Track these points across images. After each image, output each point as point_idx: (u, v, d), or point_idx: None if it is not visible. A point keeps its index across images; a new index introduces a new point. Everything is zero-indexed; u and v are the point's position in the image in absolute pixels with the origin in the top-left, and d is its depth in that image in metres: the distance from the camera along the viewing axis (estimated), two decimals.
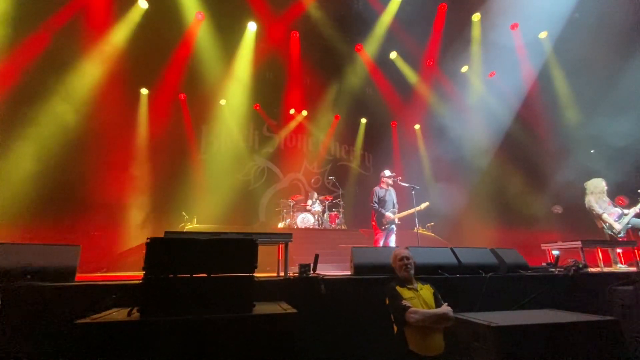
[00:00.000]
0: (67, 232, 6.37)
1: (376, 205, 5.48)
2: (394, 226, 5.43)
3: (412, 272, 2.61)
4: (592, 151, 5.54)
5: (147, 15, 7.73)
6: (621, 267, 4.73)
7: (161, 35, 8.20)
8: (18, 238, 5.71)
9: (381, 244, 5.36)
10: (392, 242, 5.38)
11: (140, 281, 1.96)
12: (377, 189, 5.61)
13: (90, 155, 7.49)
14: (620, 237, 5.03)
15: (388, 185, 5.60)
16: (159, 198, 8.47)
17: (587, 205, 5.34)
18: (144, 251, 1.99)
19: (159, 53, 8.42)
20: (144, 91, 8.86)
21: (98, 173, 7.44)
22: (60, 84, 6.89)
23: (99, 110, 7.52)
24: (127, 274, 4.24)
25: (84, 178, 7.30)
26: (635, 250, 4.47)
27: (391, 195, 5.55)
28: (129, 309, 1.96)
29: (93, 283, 2.58)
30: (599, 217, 5.19)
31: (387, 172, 5.66)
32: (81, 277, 2.83)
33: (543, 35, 7.83)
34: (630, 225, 5.05)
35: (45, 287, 2.36)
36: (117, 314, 1.99)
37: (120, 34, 7.60)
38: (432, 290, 2.61)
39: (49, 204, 6.58)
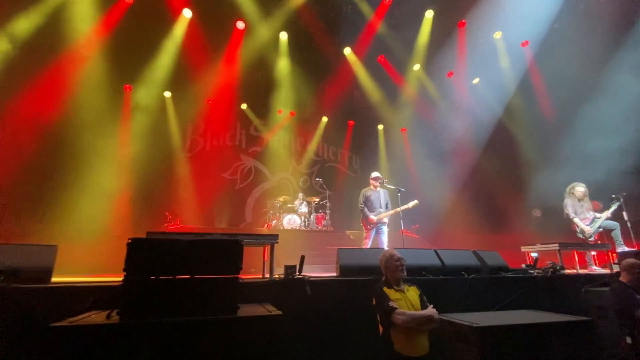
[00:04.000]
0: (43, 231, 6.13)
1: (361, 205, 5.54)
2: (383, 226, 5.44)
3: (405, 273, 2.64)
4: None
5: (133, 10, 7.54)
6: (595, 269, 4.93)
7: (147, 31, 8.02)
8: None
9: (369, 243, 5.38)
10: (384, 242, 5.40)
11: (120, 283, 1.91)
12: (364, 189, 5.68)
13: (70, 152, 7.24)
14: (591, 240, 5.24)
15: (375, 186, 5.64)
16: (141, 197, 8.26)
17: (563, 208, 5.55)
18: (125, 252, 1.94)
19: (144, 49, 8.24)
20: (128, 88, 8.64)
21: (78, 170, 7.20)
22: (41, 79, 6.64)
23: (80, 107, 7.29)
24: (107, 275, 4.11)
25: (63, 175, 7.05)
26: (609, 253, 4.66)
27: (379, 196, 5.57)
28: (107, 311, 1.91)
29: (70, 284, 2.49)
30: (572, 220, 5.40)
31: (373, 174, 5.73)
32: (58, 279, 2.73)
33: (525, 43, 8.09)
34: (601, 229, 5.26)
35: (20, 289, 2.27)
36: (96, 317, 1.94)
37: (104, 29, 7.39)
38: (418, 292, 2.64)
39: (25, 202, 6.32)
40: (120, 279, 1.92)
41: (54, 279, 2.64)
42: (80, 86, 7.28)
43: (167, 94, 9.35)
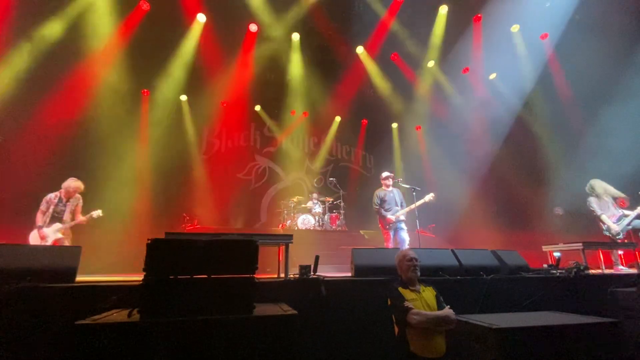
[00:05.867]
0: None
1: (377, 206, 5.50)
2: (401, 224, 5.40)
3: (419, 273, 2.61)
4: None
5: (149, 15, 7.74)
6: (622, 269, 4.72)
7: (163, 36, 8.21)
8: (18, 239, 5.71)
9: (391, 244, 5.34)
10: (405, 240, 5.33)
11: (141, 282, 1.96)
12: (377, 191, 5.64)
13: (91, 155, 7.50)
14: (619, 239, 5.01)
15: (388, 186, 5.59)
16: (159, 199, 8.48)
17: (587, 205, 5.33)
18: (145, 252, 1.99)
19: (161, 55, 8.45)
20: (146, 93, 8.88)
21: (98, 173, 7.44)
22: (62, 84, 6.92)
23: (101, 111, 7.55)
24: (128, 275, 4.24)
25: (83, 178, 7.29)
26: (636, 252, 4.46)
27: (393, 195, 5.53)
28: (129, 310, 1.96)
29: (93, 284, 2.58)
30: (598, 218, 5.18)
31: (383, 174, 5.68)
32: (82, 278, 2.83)
33: (544, 37, 7.83)
34: (630, 227, 5.03)
35: (46, 288, 2.37)
36: (117, 315, 2.00)
37: (122, 36, 7.62)
38: (435, 293, 2.60)
39: None
40: (141, 278, 1.98)
41: (78, 279, 2.74)
42: (100, 91, 7.54)
43: (183, 97, 9.55)
